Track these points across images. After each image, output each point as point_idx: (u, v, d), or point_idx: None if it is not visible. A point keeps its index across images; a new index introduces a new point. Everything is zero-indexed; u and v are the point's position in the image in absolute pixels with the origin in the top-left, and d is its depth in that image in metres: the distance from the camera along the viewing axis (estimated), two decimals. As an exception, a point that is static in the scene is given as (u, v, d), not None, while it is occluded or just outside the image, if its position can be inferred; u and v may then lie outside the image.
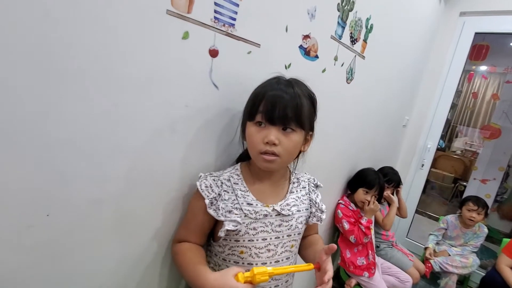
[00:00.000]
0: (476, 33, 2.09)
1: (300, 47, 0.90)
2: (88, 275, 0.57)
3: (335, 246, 0.60)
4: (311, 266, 0.62)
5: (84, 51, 0.45)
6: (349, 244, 1.49)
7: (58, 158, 0.47)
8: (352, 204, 1.53)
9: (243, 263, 0.65)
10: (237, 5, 0.65)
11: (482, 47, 2.23)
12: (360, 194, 1.49)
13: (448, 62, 2.17)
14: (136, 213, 0.61)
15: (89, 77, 0.47)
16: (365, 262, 1.49)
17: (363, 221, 1.43)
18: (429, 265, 1.85)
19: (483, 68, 3.48)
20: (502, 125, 2.59)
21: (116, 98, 0.51)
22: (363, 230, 1.42)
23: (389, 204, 1.77)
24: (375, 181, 1.48)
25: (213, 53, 0.64)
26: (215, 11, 0.61)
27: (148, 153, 0.59)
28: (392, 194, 1.80)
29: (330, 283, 0.58)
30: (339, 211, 1.50)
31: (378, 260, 1.65)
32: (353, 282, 1.50)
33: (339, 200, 1.56)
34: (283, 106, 0.59)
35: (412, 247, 2.31)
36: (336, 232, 1.64)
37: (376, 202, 1.47)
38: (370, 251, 1.52)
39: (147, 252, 0.67)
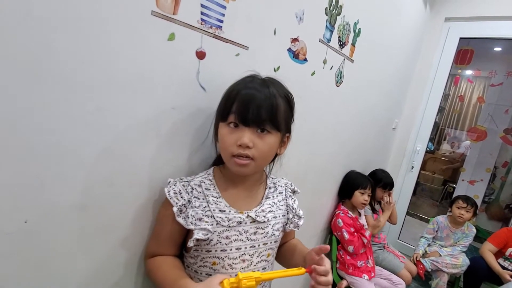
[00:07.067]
0: (461, 38, 2.16)
1: (289, 50, 0.90)
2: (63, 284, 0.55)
3: (327, 246, 0.57)
4: (302, 270, 0.58)
5: (67, 52, 0.44)
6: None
7: (37, 162, 0.45)
8: (349, 212, 1.56)
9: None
10: (224, 7, 0.65)
11: (467, 52, 2.29)
12: (358, 196, 1.54)
13: (434, 66, 2.23)
14: (119, 220, 0.59)
15: (72, 79, 0.46)
16: (364, 265, 1.52)
17: (367, 235, 1.48)
18: (421, 266, 1.86)
19: (468, 72, 3.57)
20: (488, 127, 2.66)
21: (100, 101, 0.50)
22: (365, 242, 1.47)
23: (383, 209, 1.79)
24: (366, 181, 1.56)
25: (200, 55, 0.63)
26: (202, 13, 0.61)
27: (132, 157, 0.58)
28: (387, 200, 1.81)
29: (330, 277, 0.56)
30: (339, 220, 1.51)
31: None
32: (344, 283, 1.50)
33: (336, 210, 1.57)
34: (257, 106, 0.55)
35: (403, 249, 2.33)
36: (328, 235, 1.64)
37: (382, 220, 1.59)
38: (369, 256, 1.56)
39: (119, 265, 0.62)
